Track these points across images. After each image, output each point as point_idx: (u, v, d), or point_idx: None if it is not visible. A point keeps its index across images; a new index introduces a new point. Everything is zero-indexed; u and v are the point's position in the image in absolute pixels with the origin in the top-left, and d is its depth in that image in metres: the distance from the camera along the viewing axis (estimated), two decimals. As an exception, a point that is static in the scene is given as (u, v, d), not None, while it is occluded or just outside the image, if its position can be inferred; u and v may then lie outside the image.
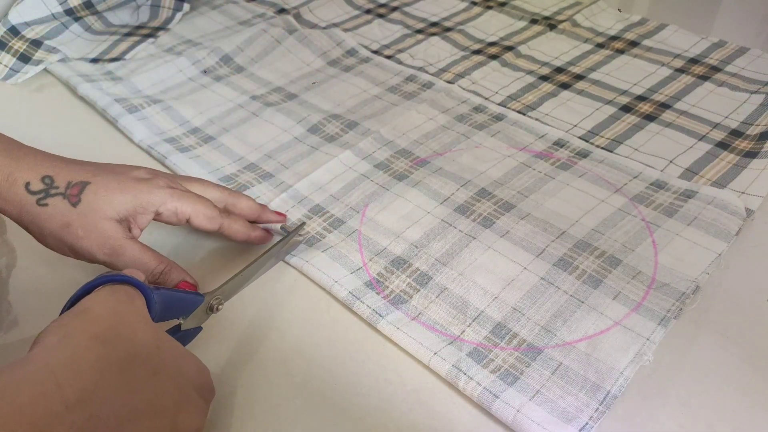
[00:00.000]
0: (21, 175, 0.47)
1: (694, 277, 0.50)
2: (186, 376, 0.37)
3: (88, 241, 0.47)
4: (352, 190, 0.60)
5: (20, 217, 0.47)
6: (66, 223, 0.47)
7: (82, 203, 0.47)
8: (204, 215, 0.51)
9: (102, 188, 0.48)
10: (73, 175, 0.48)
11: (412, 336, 0.47)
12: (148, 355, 0.35)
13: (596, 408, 0.42)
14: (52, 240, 0.48)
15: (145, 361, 0.34)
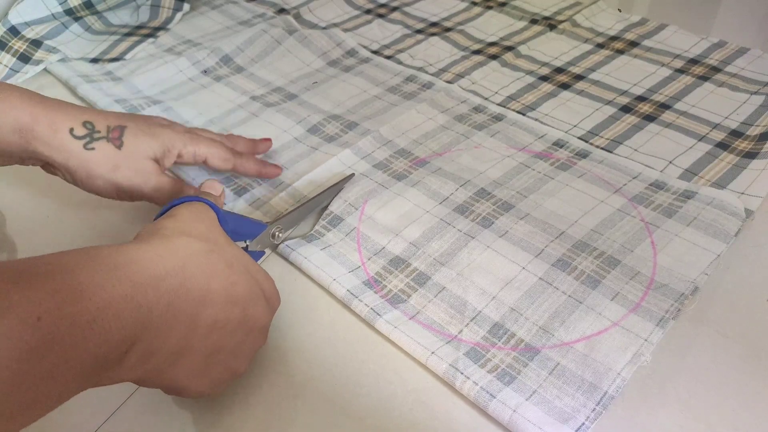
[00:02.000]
0: (63, 122, 0.49)
1: (693, 278, 0.50)
2: (255, 278, 0.42)
3: (137, 180, 0.52)
4: (351, 187, 0.60)
5: (67, 163, 0.50)
6: (115, 166, 0.51)
7: (125, 146, 0.51)
8: (219, 157, 0.57)
9: (139, 132, 0.52)
10: (110, 120, 0.52)
11: (409, 335, 0.47)
12: (224, 251, 0.40)
13: (593, 408, 0.42)
14: (101, 182, 0.51)
15: (221, 255, 0.39)
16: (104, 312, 0.30)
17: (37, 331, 0.26)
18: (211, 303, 0.37)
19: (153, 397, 0.45)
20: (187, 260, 0.36)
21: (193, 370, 0.37)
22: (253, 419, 0.44)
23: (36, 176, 0.52)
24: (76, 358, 0.28)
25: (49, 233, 0.59)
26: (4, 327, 0.25)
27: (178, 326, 0.35)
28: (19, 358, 0.26)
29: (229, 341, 0.39)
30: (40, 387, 0.27)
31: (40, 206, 0.61)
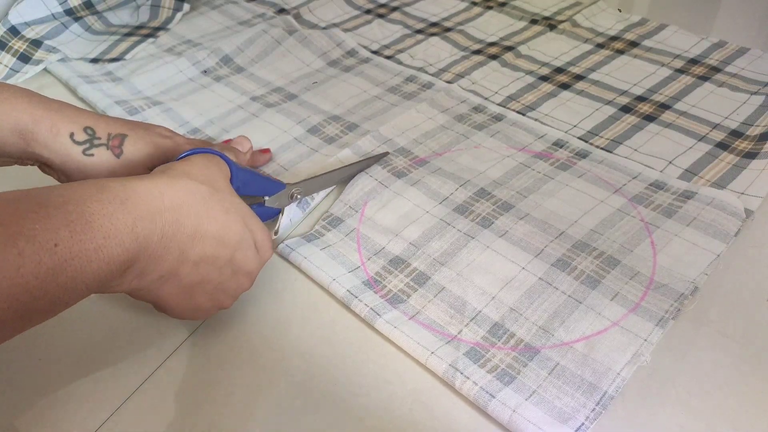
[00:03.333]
0: (64, 126, 0.49)
1: (693, 278, 0.50)
2: (249, 227, 0.45)
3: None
4: (351, 187, 0.60)
5: (64, 166, 0.49)
6: (112, 174, 0.50)
7: (124, 155, 0.51)
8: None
9: (139, 141, 0.52)
10: (112, 128, 0.51)
11: (409, 335, 0.47)
12: (223, 198, 0.43)
13: (593, 408, 0.42)
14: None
15: (220, 201, 0.43)
16: (109, 240, 0.35)
17: (54, 256, 0.32)
18: (201, 240, 0.41)
19: (153, 397, 0.45)
20: (185, 199, 0.40)
21: (178, 294, 0.43)
22: (253, 419, 0.44)
23: (36, 176, 0.52)
24: (83, 276, 0.33)
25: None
26: (28, 251, 0.31)
27: (168, 255, 0.39)
28: (38, 276, 0.31)
29: (215, 276, 0.44)
30: (55, 296, 0.33)
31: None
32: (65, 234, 0.33)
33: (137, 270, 0.38)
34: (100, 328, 0.50)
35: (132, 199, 0.37)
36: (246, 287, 0.47)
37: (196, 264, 0.42)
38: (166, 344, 0.48)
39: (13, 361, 0.48)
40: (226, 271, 0.44)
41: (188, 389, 0.46)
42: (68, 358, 0.48)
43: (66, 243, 0.32)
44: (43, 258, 0.31)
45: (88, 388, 0.46)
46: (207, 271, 0.43)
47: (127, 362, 0.47)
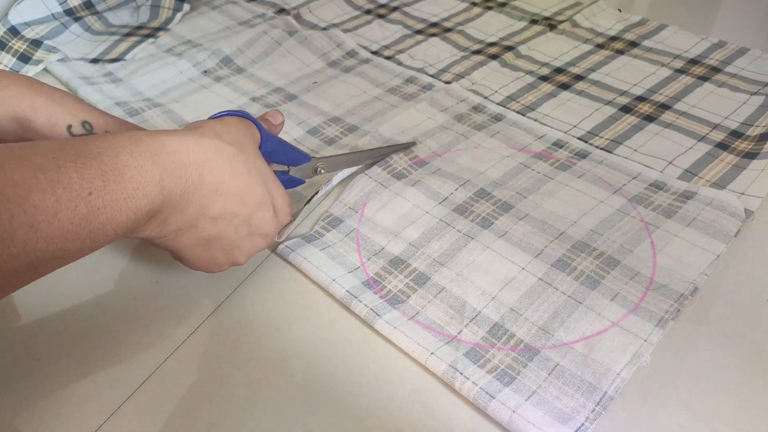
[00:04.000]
0: (62, 118, 0.49)
1: (693, 279, 0.50)
2: (270, 191, 0.47)
3: None
4: (350, 188, 0.60)
5: None
6: None
7: None
8: None
9: None
10: (109, 125, 0.51)
11: (409, 335, 0.47)
12: (248, 161, 0.45)
13: (592, 409, 0.42)
14: None
15: (245, 162, 0.45)
16: (138, 192, 0.37)
17: (88, 204, 0.34)
18: (221, 197, 0.43)
19: (153, 397, 0.45)
20: (210, 157, 0.42)
21: (195, 245, 0.45)
22: (253, 419, 0.44)
23: None
24: (113, 223, 0.36)
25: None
26: (65, 198, 0.33)
27: (189, 209, 0.42)
28: (73, 222, 0.33)
29: (232, 233, 0.46)
30: (87, 240, 0.35)
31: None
32: (99, 184, 0.35)
33: (159, 220, 0.41)
34: (100, 329, 0.50)
35: (161, 154, 0.39)
36: (261, 247, 0.49)
37: (215, 219, 0.44)
38: (166, 344, 0.48)
39: (13, 361, 0.48)
40: (243, 230, 0.46)
41: (188, 389, 0.46)
42: (68, 358, 0.48)
43: (99, 192, 0.35)
44: (78, 205, 0.34)
45: (88, 388, 0.46)
46: (224, 227, 0.45)
47: (127, 362, 0.47)
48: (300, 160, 0.56)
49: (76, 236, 0.34)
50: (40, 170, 0.33)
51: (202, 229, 0.44)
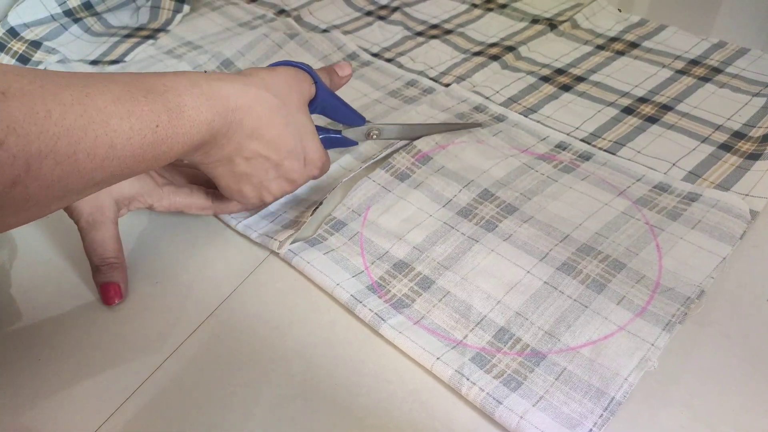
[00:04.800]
0: None
1: (699, 282, 0.49)
2: (303, 143, 0.51)
3: (85, 205, 0.51)
4: (354, 191, 0.59)
5: None
6: None
7: None
8: (196, 207, 0.56)
9: None
10: None
11: (414, 340, 0.47)
12: (288, 113, 0.49)
13: (600, 414, 0.42)
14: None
15: (284, 113, 0.49)
16: (193, 129, 0.42)
17: (154, 134, 0.39)
18: (256, 141, 0.48)
19: (153, 397, 0.45)
20: (252, 105, 0.47)
21: (229, 178, 0.50)
22: (253, 419, 0.44)
23: None
24: (170, 152, 0.41)
25: (49, 233, 0.58)
26: (137, 127, 0.38)
27: (228, 146, 0.47)
28: (142, 147, 0.38)
29: (261, 174, 0.51)
30: (149, 164, 0.40)
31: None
32: (164, 118, 0.40)
33: (203, 152, 0.46)
34: (100, 329, 0.50)
35: (214, 98, 0.44)
36: (287, 191, 0.54)
37: (248, 159, 0.49)
38: (166, 344, 0.48)
39: (13, 361, 0.48)
40: (272, 173, 0.51)
41: (188, 389, 0.46)
42: (68, 358, 0.48)
43: (164, 126, 0.40)
44: (147, 134, 0.39)
45: (88, 388, 0.46)
46: (255, 167, 0.50)
47: (127, 362, 0.47)
48: (354, 121, 0.59)
49: (142, 159, 0.39)
50: (119, 100, 0.37)
51: (236, 165, 0.49)
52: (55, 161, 0.34)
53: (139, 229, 0.58)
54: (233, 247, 0.57)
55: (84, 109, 0.35)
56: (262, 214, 0.58)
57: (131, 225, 0.58)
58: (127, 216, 0.56)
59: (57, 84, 0.35)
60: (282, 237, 0.55)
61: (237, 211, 0.58)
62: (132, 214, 0.58)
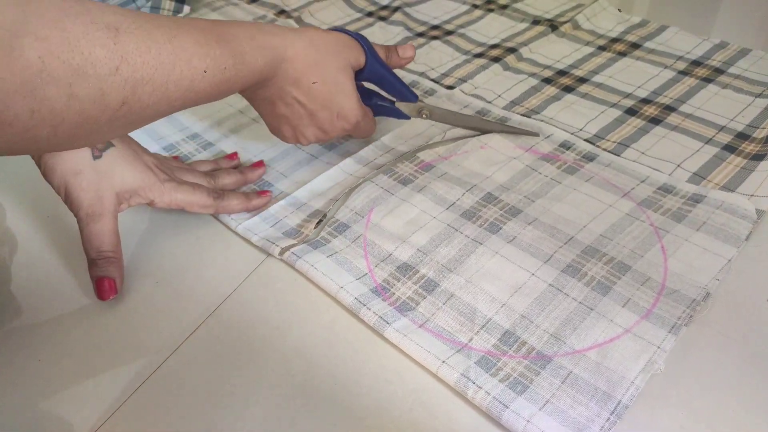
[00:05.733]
0: None
1: (705, 284, 0.49)
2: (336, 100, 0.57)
3: (85, 196, 0.51)
4: (357, 194, 0.59)
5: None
6: (78, 171, 0.51)
7: (101, 160, 0.52)
8: (198, 205, 0.57)
9: (121, 157, 0.53)
10: None
11: (419, 344, 0.46)
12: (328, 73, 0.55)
13: (607, 418, 0.41)
14: (57, 177, 0.51)
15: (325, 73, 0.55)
16: (249, 74, 0.49)
17: (222, 74, 0.46)
18: (296, 89, 0.55)
19: (153, 397, 0.45)
20: (297, 58, 0.53)
21: (271, 116, 0.58)
22: (253, 419, 0.43)
23: (37, 178, 0.52)
24: (232, 88, 0.48)
25: (50, 233, 0.58)
26: (211, 67, 0.44)
27: (272, 88, 0.54)
28: (212, 84, 0.45)
29: (296, 119, 0.57)
30: (213, 96, 0.46)
31: (41, 207, 0.61)
32: (230, 62, 0.46)
33: (250, 91, 0.55)
34: (100, 329, 0.50)
35: (270, 49, 0.51)
36: (321, 139, 0.60)
37: (287, 104, 0.56)
38: (166, 344, 0.48)
39: (13, 361, 0.48)
40: (306, 120, 0.57)
41: (188, 389, 0.46)
42: (68, 358, 0.48)
43: (230, 69, 0.46)
44: (217, 74, 0.45)
45: (88, 388, 0.46)
46: (292, 111, 0.57)
47: (127, 362, 0.47)
48: (405, 97, 0.63)
49: (209, 95, 0.46)
50: (198, 43, 0.44)
51: (277, 107, 0.56)
52: (152, 88, 0.40)
53: (139, 229, 0.58)
54: (233, 247, 0.56)
55: (173, 48, 0.41)
56: (262, 216, 0.58)
57: (132, 224, 0.58)
58: (127, 215, 0.55)
59: (151, 24, 0.41)
60: (284, 244, 0.54)
61: (238, 211, 0.58)
62: (133, 213, 0.59)
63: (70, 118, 0.37)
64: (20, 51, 0.33)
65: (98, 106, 0.38)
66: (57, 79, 0.35)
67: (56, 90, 0.35)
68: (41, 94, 0.35)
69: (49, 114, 0.36)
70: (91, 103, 0.37)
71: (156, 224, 0.59)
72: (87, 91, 0.37)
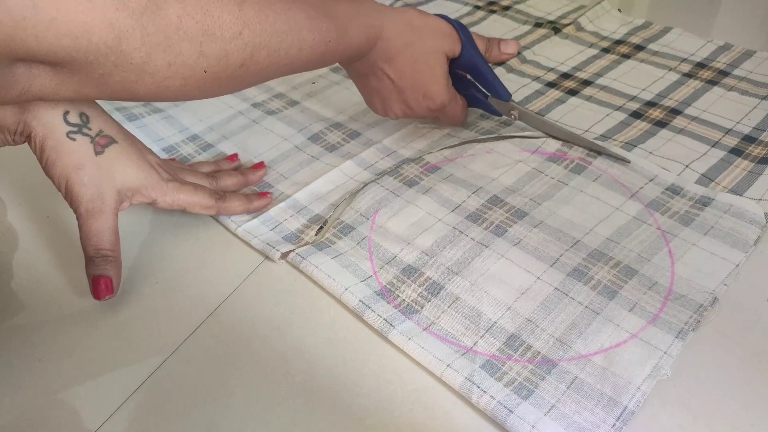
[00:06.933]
0: (63, 103, 0.49)
1: (712, 289, 0.49)
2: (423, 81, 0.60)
3: (86, 191, 0.49)
4: (362, 196, 0.59)
5: (44, 142, 0.49)
6: (80, 165, 0.49)
7: (103, 155, 0.50)
8: (200, 206, 0.55)
9: (124, 154, 0.51)
10: (106, 127, 0.51)
11: (424, 347, 0.46)
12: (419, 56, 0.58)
13: (613, 424, 0.41)
14: (58, 172, 0.49)
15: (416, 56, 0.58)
16: (349, 47, 0.54)
17: (326, 47, 0.51)
18: (388, 66, 0.58)
19: (153, 397, 0.45)
20: (393, 37, 0.57)
21: (364, 88, 0.63)
22: (253, 419, 0.43)
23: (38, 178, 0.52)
24: (332, 60, 0.54)
25: (50, 234, 0.58)
26: (317, 40, 0.50)
27: (366, 63, 0.58)
28: (315, 53, 0.50)
29: (386, 93, 0.61)
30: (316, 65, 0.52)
31: (42, 207, 0.61)
32: (334, 37, 0.51)
33: (347, 63, 0.59)
34: (100, 329, 0.50)
35: (369, 28, 0.55)
36: (408, 115, 0.63)
37: (378, 78, 0.60)
38: (166, 344, 0.48)
39: (13, 361, 0.48)
40: (394, 95, 0.61)
41: (188, 389, 0.45)
42: (68, 358, 0.48)
43: (333, 42, 0.51)
44: (321, 46, 0.50)
45: (88, 388, 0.46)
46: (382, 85, 0.60)
47: (127, 362, 0.47)
48: (497, 93, 0.63)
49: (312, 63, 0.51)
50: (309, 17, 0.48)
51: (369, 79, 0.61)
52: (267, 53, 0.46)
53: (139, 229, 0.58)
54: (233, 247, 0.56)
55: (287, 18, 0.46)
56: (261, 219, 0.58)
57: (132, 224, 0.58)
58: (127, 215, 0.55)
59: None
60: (284, 249, 0.54)
61: (239, 212, 0.58)
62: (133, 213, 0.58)
63: (198, 73, 0.43)
64: (164, 10, 0.39)
65: (221, 65, 0.44)
66: (190, 36, 0.41)
67: (189, 46, 0.41)
68: (177, 48, 0.41)
69: (182, 67, 0.42)
70: (216, 61, 0.43)
71: (156, 224, 0.59)
72: (214, 50, 0.42)
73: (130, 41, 0.38)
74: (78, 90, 0.41)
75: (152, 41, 0.39)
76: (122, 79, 0.41)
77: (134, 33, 0.38)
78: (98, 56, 0.38)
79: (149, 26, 0.38)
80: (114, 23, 0.37)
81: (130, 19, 0.38)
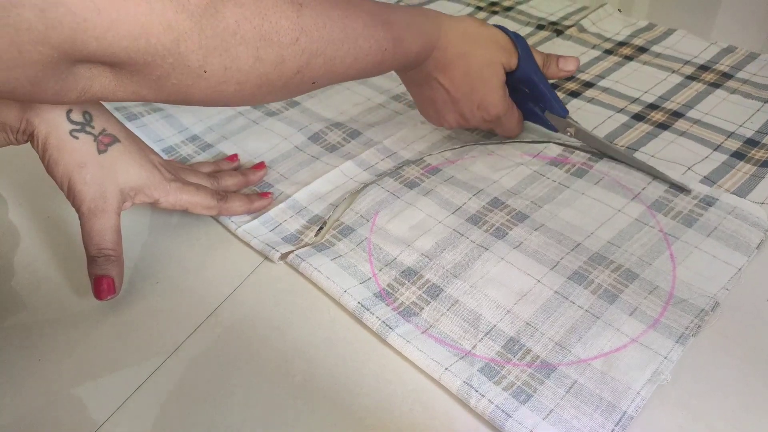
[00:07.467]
0: None
1: (714, 293, 0.48)
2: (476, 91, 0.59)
3: (88, 190, 0.49)
4: (362, 197, 0.58)
5: (46, 140, 0.48)
6: (82, 164, 0.49)
7: (106, 154, 0.50)
8: (202, 206, 0.55)
9: (127, 153, 0.51)
10: (109, 125, 0.51)
11: (422, 350, 0.45)
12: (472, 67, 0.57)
13: (612, 429, 0.40)
14: (60, 170, 0.49)
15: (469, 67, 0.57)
16: (405, 56, 0.53)
17: (381, 55, 0.50)
18: (441, 75, 0.58)
19: (153, 397, 0.45)
20: (449, 47, 0.56)
21: (418, 96, 0.63)
22: (253, 419, 0.43)
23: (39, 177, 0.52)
24: (387, 68, 0.53)
25: (51, 233, 0.58)
26: (374, 48, 0.49)
27: (421, 73, 0.58)
28: (372, 62, 0.50)
29: (440, 103, 0.61)
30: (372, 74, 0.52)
31: (42, 207, 0.61)
32: (390, 45, 0.51)
33: (403, 71, 0.60)
34: (100, 329, 0.50)
35: (425, 37, 0.54)
36: (462, 125, 0.63)
37: (432, 87, 0.59)
38: (166, 344, 0.48)
39: (13, 361, 0.48)
40: (449, 106, 0.60)
41: (188, 389, 0.45)
42: (68, 358, 0.48)
43: (389, 51, 0.51)
44: (377, 55, 0.50)
45: (88, 388, 0.46)
46: (435, 95, 0.60)
47: (127, 362, 0.47)
48: (553, 109, 0.62)
49: (366, 72, 0.51)
50: (366, 25, 0.48)
51: (424, 88, 0.60)
52: (323, 61, 0.46)
53: (140, 229, 0.58)
54: (233, 247, 0.56)
55: (344, 26, 0.46)
56: (261, 220, 0.57)
57: (132, 224, 0.58)
58: (128, 215, 0.55)
59: (329, 3, 0.45)
60: (284, 250, 0.54)
61: (241, 213, 0.58)
62: (134, 213, 0.58)
63: (254, 78, 0.43)
64: (222, 14, 0.39)
65: (277, 71, 0.43)
66: (247, 41, 0.41)
67: (246, 51, 0.41)
68: (233, 53, 0.41)
69: (237, 72, 0.42)
70: (272, 66, 0.43)
71: (157, 224, 0.58)
72: (270, 56, 0.42)
73: (187, 43, 0.38)
74: (136, 91, 0.41)
75: (209, 44, 0.39)
76: (179, 81, 0.41)
77: (192, 35, 0.38)
78: (156, 57, 0.38)
79: (207, 29, 0.39)
80: (172, 25, 0.37)
81: (189, 21, 0.38)
